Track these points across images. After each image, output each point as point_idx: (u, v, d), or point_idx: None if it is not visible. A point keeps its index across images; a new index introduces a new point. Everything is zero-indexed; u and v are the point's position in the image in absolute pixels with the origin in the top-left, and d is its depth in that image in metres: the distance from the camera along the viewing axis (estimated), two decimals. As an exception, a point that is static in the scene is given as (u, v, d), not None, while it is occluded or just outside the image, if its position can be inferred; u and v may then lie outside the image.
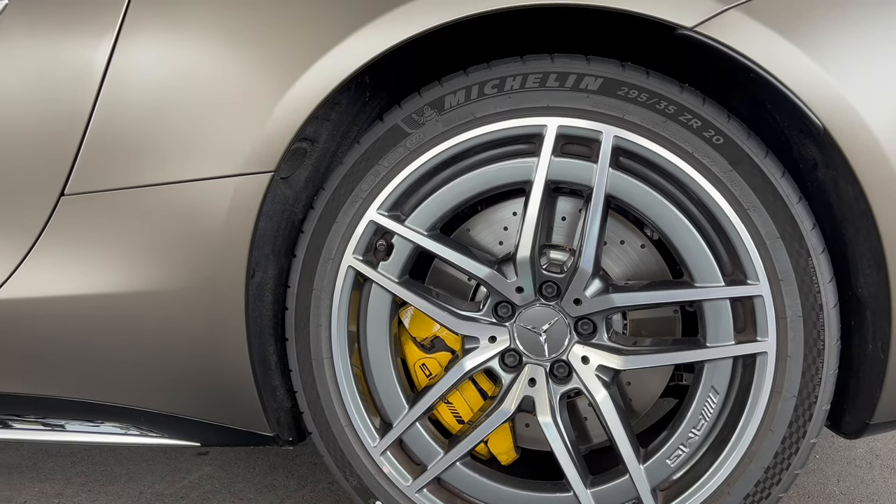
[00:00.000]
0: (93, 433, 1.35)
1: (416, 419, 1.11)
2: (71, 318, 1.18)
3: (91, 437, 1.35)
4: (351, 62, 1.02)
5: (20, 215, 1.17)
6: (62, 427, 1.37)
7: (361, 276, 1.10)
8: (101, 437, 1.34)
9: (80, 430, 1.36)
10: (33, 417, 1.39)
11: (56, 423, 1.37)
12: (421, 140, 1.06)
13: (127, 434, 1.33)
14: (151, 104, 1.09)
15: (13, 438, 1.37)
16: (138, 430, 1.32)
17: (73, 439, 1.35)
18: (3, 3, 1.15)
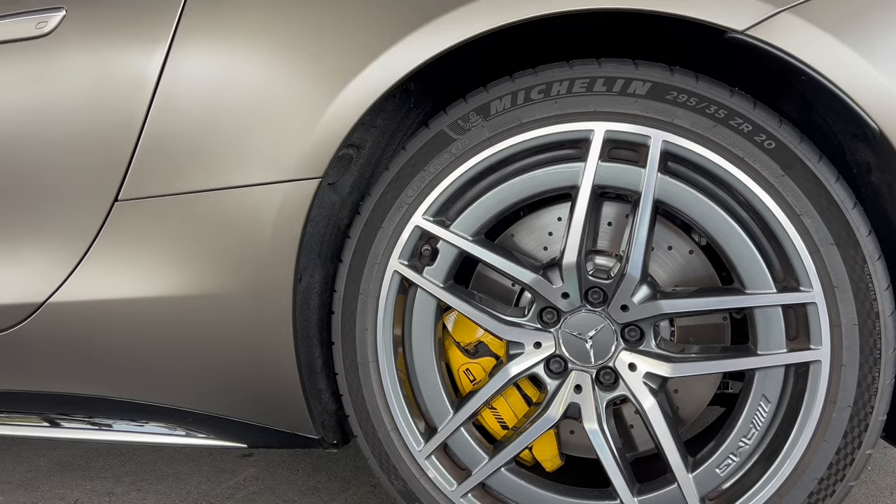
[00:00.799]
0: (139, 433, 1.38)
1: (461, 424, 1.11)
2: (124, 320, 1.21)
3: (138, 436, 1.38)
4: (399, 69, 1.03)
5: (76, 220, 1.20)
6: (109, 426, 1.41)
7: (407, 280, 1.11)
8: (148, 438, 1.37)
9: (127, 430, 1.39)
10: (81, 416, 1.42)
11: (104, 423, 1.41)
12: (467, 145, 1.06)
13: (172, 434, 1.35)
14: (203, 112, 1.12)
15: (63, 437, 1.41)
16: (184, 431, 1.35)
17: (121, 439, 1.38)
18: (61, 14, 1.19)
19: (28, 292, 1.24)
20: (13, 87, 1.20)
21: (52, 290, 1.23)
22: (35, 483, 1.57)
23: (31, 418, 1.44)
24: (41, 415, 1.44)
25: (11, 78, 1.20)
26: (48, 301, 1.23)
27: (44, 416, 1.44)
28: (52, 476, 1.60)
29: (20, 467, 1.65)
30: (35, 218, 1.22)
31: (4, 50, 1.21)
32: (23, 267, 1.24)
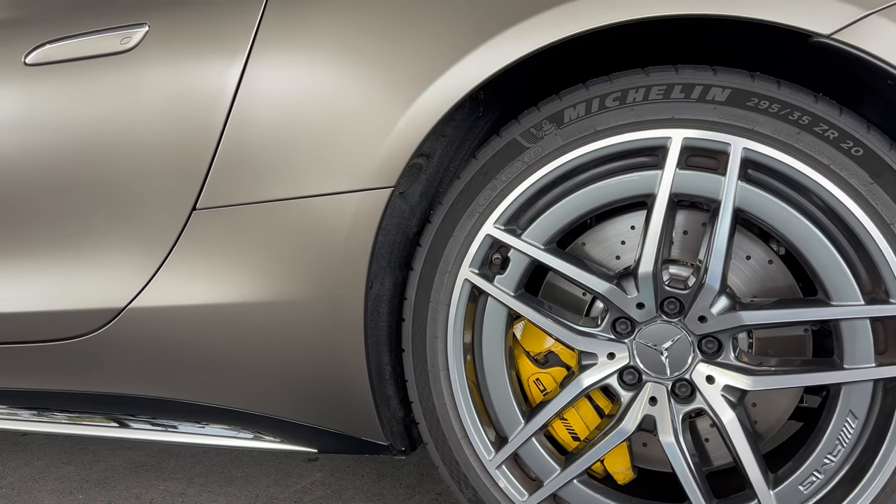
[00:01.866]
0: (209, 436, 1.41)
1: (532, 434, 1.10)
2: (200, 325, 1.25)
3: (208, 439, 1.41)
4: (472, 78, 1.03)
5: (156, 228, 1.24)
6: (175, 428, 1.44)
7: (477, 289, 1.11)
8: (217, 440, 1.39)
9: (197, 433, 1.43)
10: (146, 417, 1.46)
11: (168, 424, 1.45)
12: (539, 154, 1.06)
13: (238, 437, 1.38)
14: (279, 123, 1.14)
15: (131, 438, 1.44)
16: (251, 434, 1.37)
17: (191, 441, 1.41)
18: (144, 29, 1.24)
19: (109, 298, 1.29)
20: (98, 101, 1.25)
21: (133, 295, 1.27)
22: (111, 482, 1.62)
23: (97, 418, 1.49)
24: (108, 415, 1.48)
25: (97, 91, 1.25)
26: (128, 306, 1.28)
27: (110, 417, 1.48)
28: (128, 475, 1.65)
29: (97, 466, 1.71)
30: (117, 226, 1.26)
31: (91, 65, 1.26)
32: (105, 273, 1.29)
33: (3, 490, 1.60)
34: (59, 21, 1.30)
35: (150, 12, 1.24)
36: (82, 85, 1.26)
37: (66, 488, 1.59)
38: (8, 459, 1.78)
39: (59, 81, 1.28)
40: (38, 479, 1.65)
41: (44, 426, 1.48)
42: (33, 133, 1.29)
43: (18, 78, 1.30)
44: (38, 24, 1.32)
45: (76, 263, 1.30)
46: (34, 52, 1.29)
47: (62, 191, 1.28)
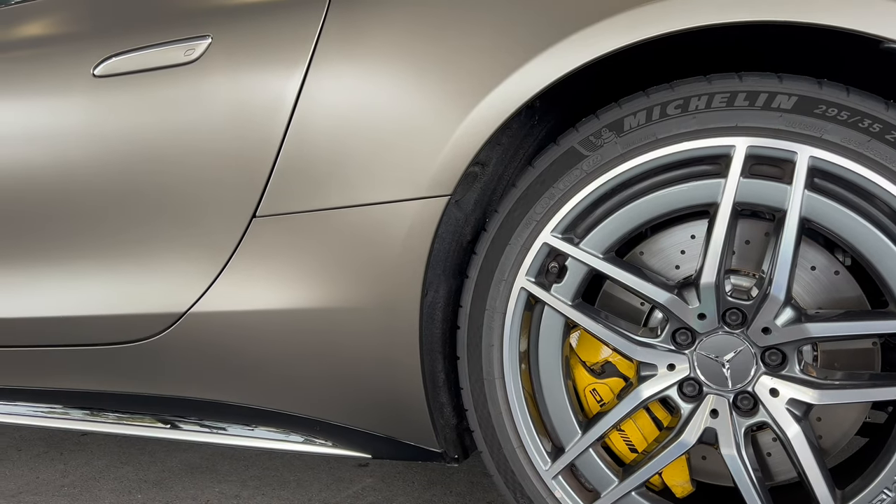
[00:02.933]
0: (263, 439, 1.43)
1: (590, 445, 1.09)
2: (259, 331, 1.27)
3: (260, 442, 1.43)
4: (530, 87, 1.03)
5: (217, 235, 1.27)
6: (223, 430, 1.47)
7: (533, 297, 1.11)
8: (269, 444, 1.41)
9: (249, 435, 1.45)
10: (195, 419, 1.49)
11: (217, 426, 1.47)
12: (598, 162, 1.05)
13: (288, 441, 1.39)
14: (337, 132, 1.16)
15: (183, 439, 1.47)
16: (301, 437, 1.39)
17: (244, 444, 1.43)
18: (207, 41, 1.27)
19: (171, 303, 1.32)
20: (163, 111, 1.29)
21: (194, 300, 1.30)
22: (168, 483, 1.66)
23: (147, 419, 1.52)
24: (157, 416, 1.52)
25: (162, 102, 1.29)
26: (189, 311, 1.31)
27: (159, 418, 1.52)
28: (183, 477, 1.69)
29: (154, 467, 1.75)
30: (180, 233, 1.30)
31: (156, 76, 1.30)
32: (167, 278, 1.32)
33: (66, 488, 1.65)
34: (126, 34, 1.34)
35: (213, 24, 1.27)
36: (147, 96, 1.30)
37: (125, 488, 1.64)
38: (70, 458, 1.83)
39: (125, 92, 1.32)
40: (99, 479, 1.69)
41: (98, 426, 1.52)
42: (101, 142, 1.33)
43: (87, 89, 1.35)
44: (106, 37, 1.36)
45: (139, 269, 1.34)
46: (102, 64, 1.34)
47: (127, 198, 1.32)
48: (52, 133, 1.37)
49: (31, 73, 1.42)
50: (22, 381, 1.54)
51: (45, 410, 1.58)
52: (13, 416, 1.59)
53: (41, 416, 1.57)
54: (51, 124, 1.38)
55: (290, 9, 1.22)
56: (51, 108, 1.38)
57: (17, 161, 1.41)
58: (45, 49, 1.44)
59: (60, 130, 1.37)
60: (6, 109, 1.42)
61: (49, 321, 1.40)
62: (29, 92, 1.41)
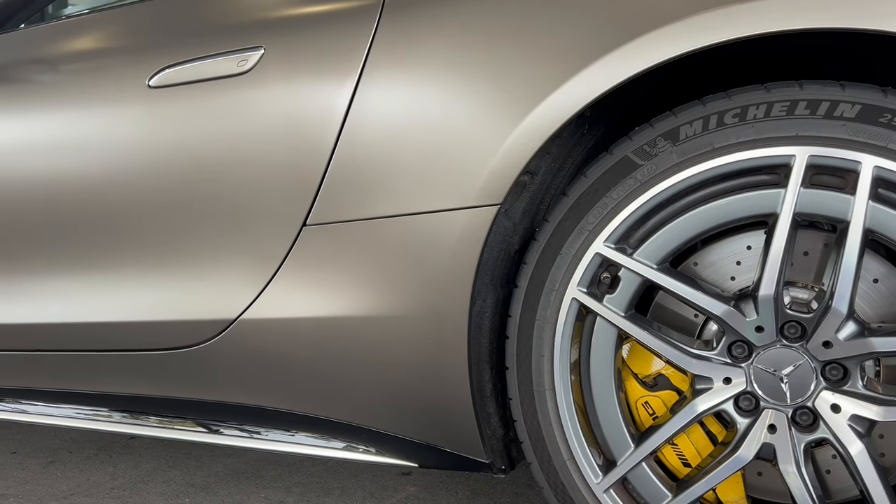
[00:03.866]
0: (301, 444, 1.44)
1: (642, 459, 1.07)
2: (308, 337, 1.28)
3: (303, 448, 1.43)
4: (583, 96, 1.02)
5: (267, 243, 1.29)
6: (259, 434, 1.48)
7: (585, 308, 1.10)
8: (316, 450, 1.41)
9: (294, 441, 1.46)
10: (235, 424, 1.50)
11: (256, 430, 1.48)
12: (653, 171, 1.04)
13: (330, 447, 1.40)
14: (388, 141, 1.16)
15: (227, 444, 1.48)
16: (342, 444, 1.39)
17: (289, 450, 1.44)
18: (260, 52, 1.29)
19: (222, 309, 1.34)
20: (216, 121, 1.31)
21: (244, 307, 1.32)
22: (214, 488, 1.67)
23: (188, 423, 1.54)
24: (197, 420, 1.53)
25: (215, 112, 1.31)
26: (239, 318, 1.32)
27: (204, 423, 1.53)
28: (229, 482, 1.71)
29: (200, 472, 1.77)
30: (231, 240, 1.31)
31: (210, 86, 1.32)
32: (218, 286, 1.34)
33: (116, 491, 1.68)
34: (181, 45, 1.37)
35: (265, 35, 1.29)
36: (201, 106, 1.32)
37: (173, 491, 1.66)
38: (119, 461, 1.87)
39: (179, 102, 1.34)
40: (147, 482, 1.72)
41: (145, 430, 1.54)
42: (155, 152, 1.36)
43: (142, 99, 1.38)
44: (162, 49, 1.39)
45: (191, 276, 1.36)
46: (157, 75, 1.36)
47: (180, 207, 1.34)
48: (107, 142, 1.41)
49: (86, 85, 1.45)
50: (73, 384, 1.57)
51: (94, 413, 1.62)
52: (64, 419, 1.63)
53: (90, 419, 1.60)
54: (106, 134, 1.41)
55: (342, 20, 1.23)
56: (106, 119, 1.41)
57: (71, 170, 1.44)
58: (101, 61, 1.47)
59: (115, 140, 1.40)
60: (62, 120, 1.46)
61: (103, 326, 1.43)
62: (84, 103, 1.45)
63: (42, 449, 1.99)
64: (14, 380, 1.64)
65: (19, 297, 1.51)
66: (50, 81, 1.50)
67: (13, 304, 1.52)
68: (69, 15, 1.64)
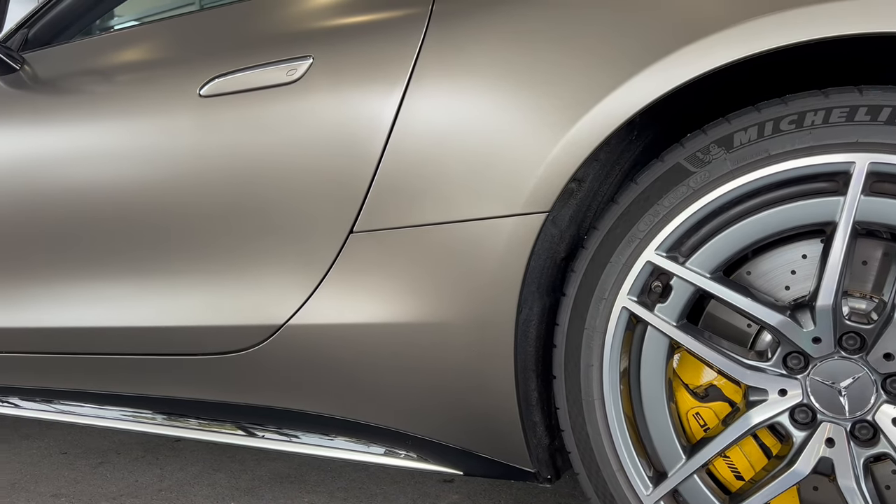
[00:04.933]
0: (350, 450, 1.44)
1: (694, 471, 1.05)
2: (354, 343, 1.29)
3: (345, 453, 1.44)
4: (635, 102, 1.02)
5: (315, 249, 1.30)
6: (300, 438, 1.48)
7: (635, 317, 1.08)
8: (357, 455, 1.42)
9: (336, 447, 1.46)
10: (273, 427, 1.52)
11: (294, 434, 1.49)
12: (706, 179, 1.02)
13: (371, 453, 1.40)
14: (435, 149, 1.17)
15: (271, 448, 1.49)
16: (389, 450, 1.39)
17: (331, 455, 1.45)
18: (308, 61, 1.30)
19: (270, 315, 1.35)
20: (265, 129, 1.33)
21: (291, 313, 1.33)
22: (259, 491, 1.69)
23: (227, 426, 1.56)
24: (239, 424, 1.55)
25: (264, 120, 1.33)
26: (286, 323, 1.34)
27: (241, 426, 1.55)
28: (273, 486, 1.72)
29: (245, 475, 1.79)
30: (280, 248, 1.33)
31: (259, 95, 1.34)
32: (266, 292, 1.36)
33: (163, 493, 1.71)
34: (231, 55, 1.40)
35: (314, 45, 1.31)
36: (250, 114, 1.34)
37: (219, 494, 1.68)
38: (166, 463, 1.90)
39: (229, 111, 1.37)
40: (193, 484, 1.75)
41: (193, 433, 1.57)
42: (205, 160, 1.38)
43: (193, 108, 1.41)
44: (212, 59, 1.42)
45: (240, 282, 1.38)
46: (208, 85, 1.39)
47: (229, 214, 1.37)
48: (158, 151, 1.44)
49: (139, 95, 1.49)
50: (124, 387, 1.61)
51: (140, 416, 1.65)
52: (113, 421, 1.67)
53: (138, 421, 1.64)
54: (158, 142, 1.44)
55: (390, 28, 1.24)
56: (158, 127, 1.44)
57: (124, 178, 1.48)
58: (153, 71, 1.50)
59: (167, 148, 1.43)
60: (115, 129, 1.50)
61: (155, 331, 1.46)
62: (137, 112, 1.48)
63: (92, 450, 2.04)
64: (65, 382, 1.68)
65: (74, 301, 1.55)
66: (103, 92, 1.54)
67: (67, 308, 1.56)
68: (118, 27, 1.68)
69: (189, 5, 7.14)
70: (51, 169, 1.56)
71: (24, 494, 1.72)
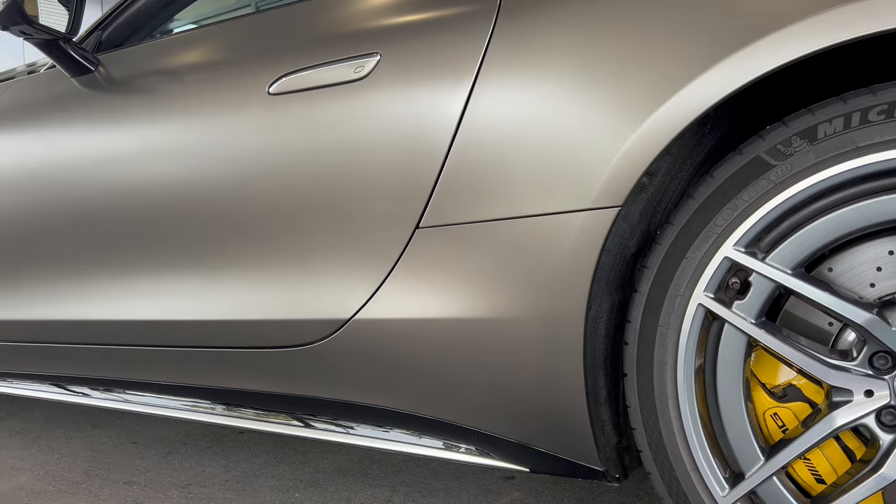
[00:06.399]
0: (410, 444, 1.45)
1: (773, 473, 1.02)
2: (419, 339, 1.29)
3: (404, 447, 1.44)
4: (710, 95, 0.99)
5: (381, 246, 1.31)
6: (351, 429, 1.49)
7: (711, 314, 1.06)
8: (422, 450, 1.42)
9: (395, 440, 1.47)
10: (327, 418, 1.53)
11: (348, 425, 1.50)
12: (788, 172, 0.99)
13: (436, 448, 1.40)
14: (504, 143, 1.16)
15: (338, 441, 1.51)
16: (442, 443, 1.39)
17: (394, 448, 1.45)
18: (376, 58, 1.31)
19: (337, 309, 1.37)
20: (333, 125, 1.34)
21: (357, 308, 1.34)
22: (322, 484, 1.71)
23: (282, 416, 1.58)
24: (296, 415, 1.57)
25: (332, 117, 1.34)
26: (353, 318, 1.35)
27: (293, 416, 1.57)
28: (336, 478, 1.74)
29: (307, 467, 1.82)
30: (346, 243, 1.34)
31: (327, 93, 1.36)
32: (333, 286, 1.37)
33: (230, 483, 1.74)
34: (299, 53, 1.42)
35: (381, 42, 1.32)
36: (319, 111, 1.36)
37: (284, 486, 1.71)
38: (231, 454, 1.94)
39: (297, 109, 1.39)
40: (259, 475, 1.78)
41: (259, 425, 1.60)
42: (274, 157, 1.41)
43: (262, 106, 1.43)
44: (280, 57, 1.44)
45: (307, 278, 1.40)
46: (277, 83, 1.41)
47: (298, 210, 1.39)
48: (229, 148, 1.46)
49: (210, 93, 1.52)
50: (191, 379, 1.65)
51: (203, 407, 1.69)
52: (177, 411, 1.71)
53: (205, 412, 1.68)
54: (229, 140, 1.47)
55: (457, 24, 1.24)
56: (229, 125, 1.47)
57: (195, 176, 1.51)
58: (223, 70, 1.53)
59: (238, 146, 1.46)
60: (187, 127, 1.53)
61: (227, 324, 1.49)
62: (208, 110, 1.51)
63: (160, 440, 2.10)
64: (137, 373, 1.73)
65: (152, 296, 1.60)
66: (175, 91, 1.58)
67: (145, 302, 1.61)
68: (186, 29, 1.72)
69: (245, 7, 7.26)
70: (126, 167, 1.61)
71: (98, 482, 1.79)
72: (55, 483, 1.78)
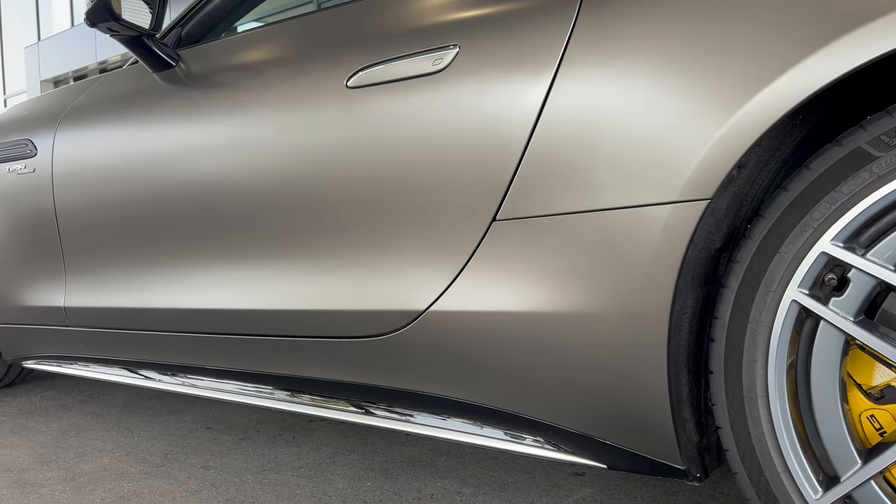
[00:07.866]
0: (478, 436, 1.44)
1: (871, 477, 0.98)
2: (495, 331, 1.29)
3: (483, 440, 1.44)
4: (807, 85, 0.96)
5: (457, 237, 1.31)
6: (412, 417, 1.49)
7: (805, 311, 1.02)
8: (497, 443, 1.41)
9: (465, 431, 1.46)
10: (384, 405, 1.53)
11: (407, 413, 1.50)
12: (892, 164, 0.95)
13: (512, 441, 1.39)
14: (585, 135, 1.14)
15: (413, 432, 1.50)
16: (529, 439, 1.38)
17: (460, 439, 1.45)
18: (455, 51, 1.31)
19: (412, 300, 1.38)
20: (411, 118, 1.34)
21: (433, 299, 1.35)
22: (393, 473, 1.73)
23: (341, 403, 1.59)
24: (350, 401, 1.58)
25: (410, 110, 1.35)
26: (428, 309, 1.35)
27: (353, 403, 1.58)
28: (406, 469, 1.76)
29: (377, 457, 1.84)
30: (423, 235, 1.35)
31: (405, 86, 1.36)
32: (410, 278, 1.38)
33: (302, 469, 1.78)
34: (377, 47, 1.43)
35: (460, 34, 1.31)
36: (397, 104, 1.37)
37: (355, 474, 1.73)
38: (302, 442, 1.98)
39: (376, 102, 1.40)
40: (330, 463, 1.81)
41: (330, 413, 1.62)
42: (353, 150, 1.42)
43: (341, 100, 1.45)
44: (358, 51, 1.45)
45: (383, 269, 1.41)
46: (355, 76, 1.43)
47: (375, 202, 1.40)
48: (308, 141, 1.49)
49: (289, 87, 1.55)
50: (265, 367, 1.68)
51: (266, 393, 1.72)
52: (250, 398, 1.75)
53: (280, 400, 1.71)
54: (308, 133, 1.49)
55: (538, 15, 1.23)
56: (308, 118, 1.49)
57: (275, 168, 1.54)
58: (302, 65, 1.56)
59: (316, 139, 1.48)
60: (267, 120, 1.56)
61: (308, 314, 1.52)
62: (288, 104, 1.54)
63: (233, 426, 2.15)
64: (212, 360, 1.78)
65: (231, 285, 1.64)
66: (254, 85, 1.62)
67: (223, 290, 1.65)
68: (262, 25, 1.75)
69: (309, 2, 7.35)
70: (207, 161, 1.65)
71: (176, 465, 1.84)
72: (136, 465, 1.85)
